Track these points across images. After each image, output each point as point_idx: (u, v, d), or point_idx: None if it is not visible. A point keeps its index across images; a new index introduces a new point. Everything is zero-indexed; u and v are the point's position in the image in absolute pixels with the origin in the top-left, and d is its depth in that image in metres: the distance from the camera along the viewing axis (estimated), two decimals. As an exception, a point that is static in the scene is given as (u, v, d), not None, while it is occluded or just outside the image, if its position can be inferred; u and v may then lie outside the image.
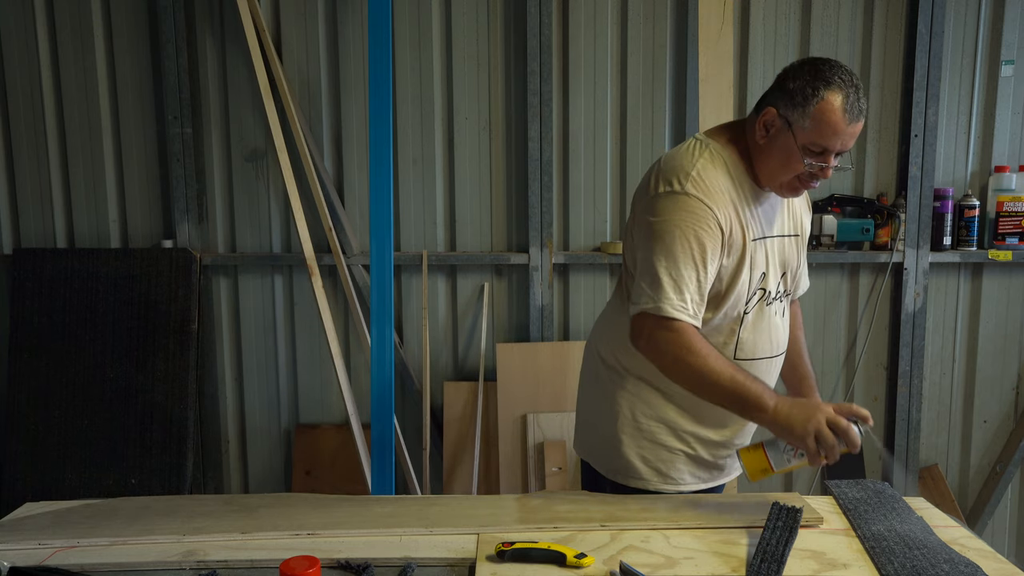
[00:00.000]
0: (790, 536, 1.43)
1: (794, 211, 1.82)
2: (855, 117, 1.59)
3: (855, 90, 1.59)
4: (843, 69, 1.62)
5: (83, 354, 3.11)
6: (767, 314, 1.74)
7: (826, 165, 1.61)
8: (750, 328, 1.72)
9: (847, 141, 1.60)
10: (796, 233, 1.81)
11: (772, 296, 1.74)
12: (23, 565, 1.40)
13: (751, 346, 1.73)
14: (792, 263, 1.80)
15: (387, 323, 2.88)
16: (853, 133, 1.61)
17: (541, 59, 3.05)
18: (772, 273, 1.73)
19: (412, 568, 1.39)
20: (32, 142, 3.18)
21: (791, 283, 1.82)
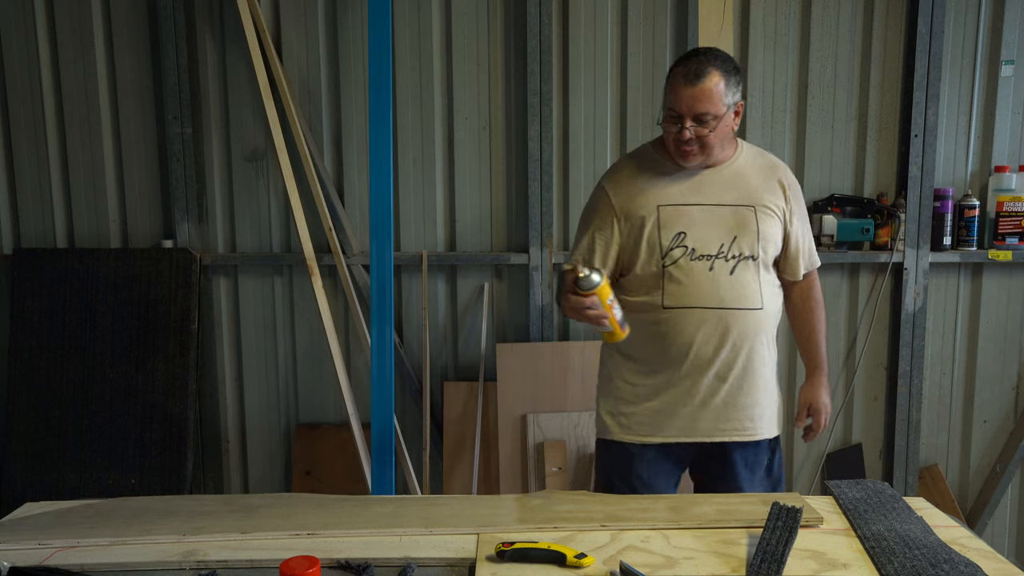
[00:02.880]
0: (790, 536, 1.43)
1: (747, 185, 2.03)
2: (690, 81, 1.90)
3: (698, 60, 1.91)
4: (701, 48, 1.98)
5: (83, 354, 3.11)
6: (697, 269, 1.98)
7: (681, 127, 1.92)
8: (675, 280, 1.99)
9: (691, 104, 1.90)
10: (745, 204, 2.01)
11: (700, 254, 1.98)
12: (23, 565, 1.40)
13: (678, 296, 1.99)
14: (747, 228, 1.99)
15: (387, 323, 2.88)
16: (693, 95, 1.90)
17: (541, 59, 3.05)
18: (696, 234, 1.98)
19: (412, 568, 1.39)
20: (32, 142, 3.19)
21: (750, 247, 1.99)
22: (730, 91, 1.93)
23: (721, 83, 1.91)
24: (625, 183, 2.07)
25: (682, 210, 2.00)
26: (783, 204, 2.04)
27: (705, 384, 2.01)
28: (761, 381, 2.04)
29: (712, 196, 2.01)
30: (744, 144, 2.11)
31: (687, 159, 1.98)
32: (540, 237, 3.12)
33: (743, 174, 2.04)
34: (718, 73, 1.91)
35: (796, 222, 2.07)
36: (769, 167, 2.08)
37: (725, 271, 1.98)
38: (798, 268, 2.10)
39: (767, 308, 2.01)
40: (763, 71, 3.09)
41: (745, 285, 1.98)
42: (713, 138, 1.95)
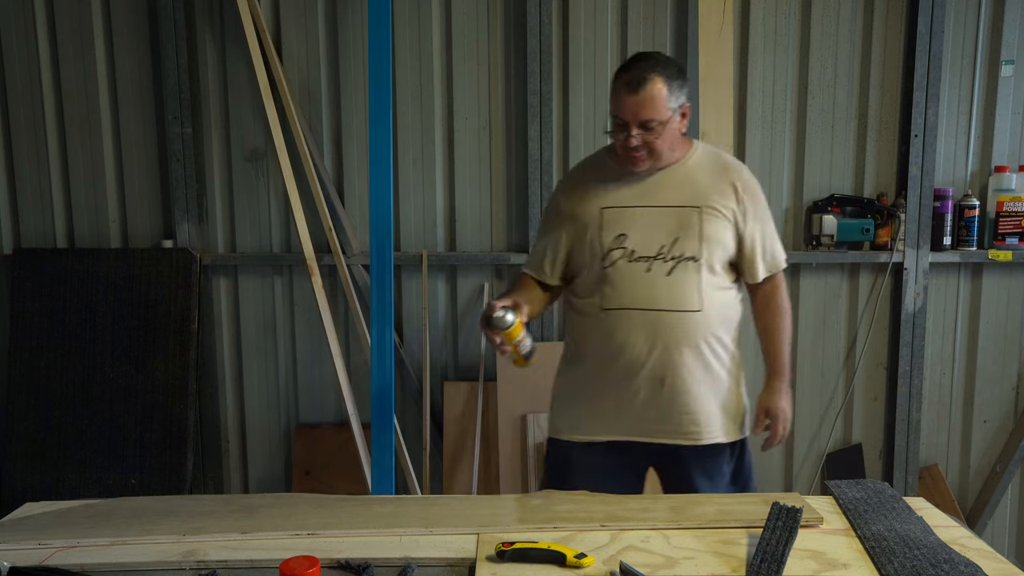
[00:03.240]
0: (790, 536, 1.43)
1: (695, 186, 2.00)
2: (632, 89, 1.90)
3: (640, 67, 1.91)
4: (642, 54, 1.97)
5: (83, 354, 3.11)
6: (634, 271, 1.98)
7: (627, 135, 1.92)
8: (613, 282, 2.00)
9: (636, 111, 1.90)
10: (690, 205, 1.98)
11: (639, 255, 1.98)
12: (23, 565, 1.40)
13: (616, 298, 1.99)
14: (689, 230, 1.97)
15: (387, 323, 2.88)
16: (637, 103, 1.90)
17: (541, 59, 3.05)
18: (637, 236, 1.98)
19: (412, 568, 1.39)
20: (32, 142, 3.19)
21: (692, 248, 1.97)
22: (674, 96, 1.92)
23: (664, 89, 1.90)
24: (574, 187, 2.10)
25: (624, 212, 2.01)
26: (734, 205, 2.00)
27: (642, 385, 1.99)
28: (705, 384, 2.01)
29: (657, 198, 2.01)
30: (700, 145, 2.09)
31: (636, 164, 1.98)
32: (540, 237, 3.12)
33: (692, 175, 2.02)
34: (660, 79, 1.90)
35: (751, 223, 2.02)
36: (722, 168, 2.05)
37: (663, 273, 1.97)
38: (756, 270, 2.06)
39: (708, 310, 1.98)
40: (763, 71, 3.09)
41: (683, 287, 1.97)
42: (660, 143, 1.94)
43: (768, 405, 2.10)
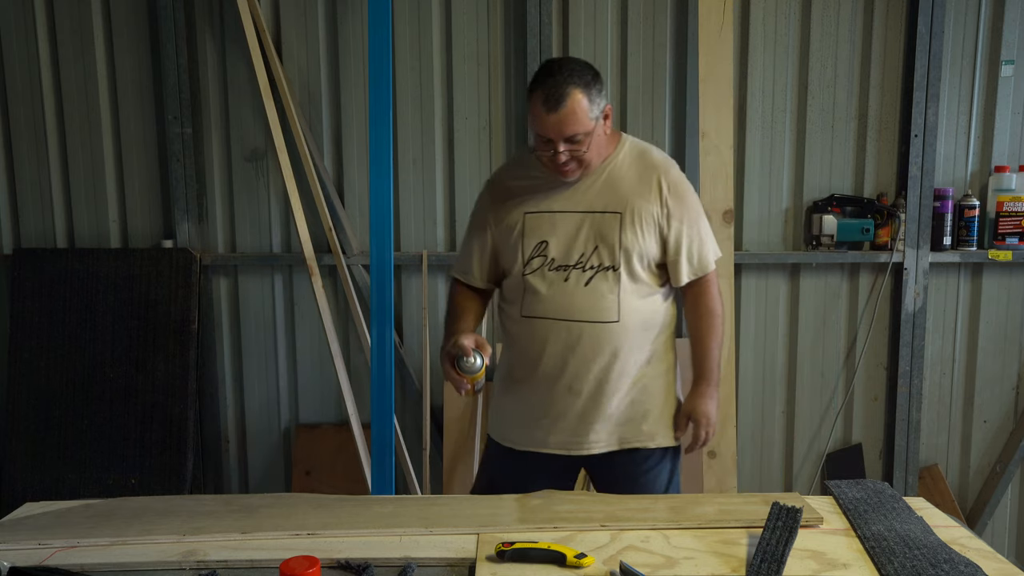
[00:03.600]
0: (790, 536, 1.43)
1: (618, 190, 1.94)
2: (551, 108, 1.82)
3: (555, 83, 1.82)
4: (554, 64, 1.87)
5: (83, 354, 3.11)
6: (553, 279, 1.94)
7: (554, 152, 1.86)
8: (532, 291, 1.96)
9: (558, 130, 1.83)
10: (612, 210, 1.93)
11: (559, 264, 1.94)
12: (23, 565, 1.40)
13: (534, 307, 1.96)
14: (608, 237, 1.92)
15: (387, 323, 2.87)
16: (558, 121, 1.83)
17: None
18: (558, 243, 1.94)
19: (412, 568, 1.39)
20: (32, 142, 3.19)
21: (610, 257, 1.92)
22: (595, 104, 1.86)
23: (583, 100, 1.83)
24: (501, 187, 2.05)
25: (546, 218, 1.96)
26: (656, 208, 1.94)
27: (560, 396, 1.96)
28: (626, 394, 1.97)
29: (580, 202, 1.95)
30: (627, 140, 2.02)
31: (567, 176, 1.93)
32: (540, 237, 3.12)
33: (617, 177, 1.96)
34: (578, 91, 1.82)
35: (675, 225, 1.95)
36: (647, 168, 1.97)
37: (581, 282, 1.93)
38: (679, 274, 1.99)
39: (627, 320, 1.93)
40: (763, 71, 3.09)
41: (600, 297, 1.92)
42: (589, 154, 1.89)
43: (690, 409, 2.03)
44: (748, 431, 3.25)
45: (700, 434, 2.02)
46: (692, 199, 2.01)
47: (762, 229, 3.17)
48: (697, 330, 2.05)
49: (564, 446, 1.99)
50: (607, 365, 1.94)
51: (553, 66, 1.87)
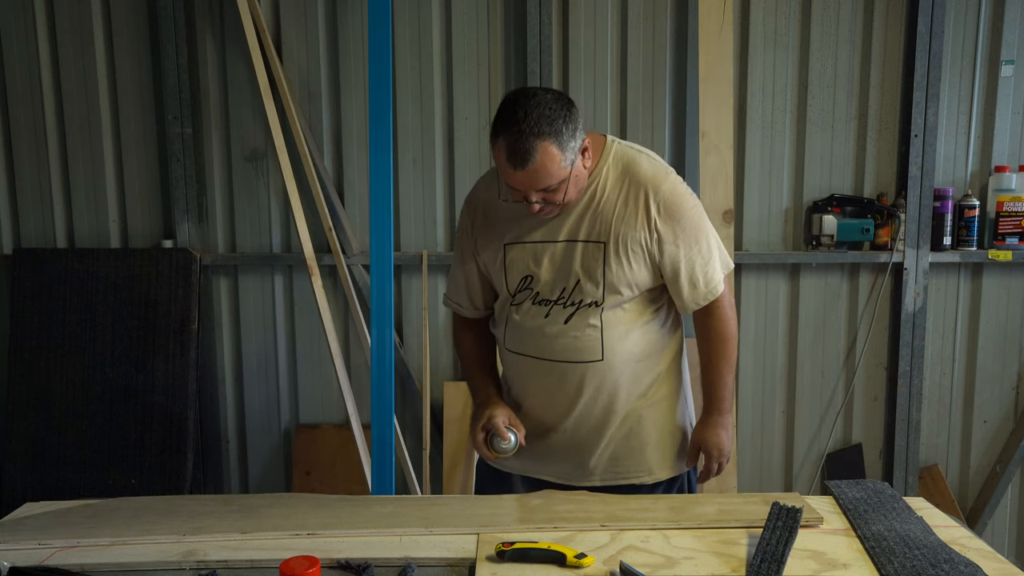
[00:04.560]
0: (790, 536, 1.43)
1: (603, 215, 1.73)
2: (519, 164, 1.60)
3: (521, 136, 1.58)
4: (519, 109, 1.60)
5: (83, 354, 3.11)
6: (535, 315, 1.78)
7: (529, 201, 1.67)
8: (515, 325, 1.82)
9: (529, 184, 1.63)
10: (596, 239, 1.73)
11: (543, 298, 1.77)
12: (23, 565, 1.40)
13: (516, 341, 1.84)
14: (592, 270, 1.73)
15: (387, 323, 2.87)
16: (527, 177, 1.62)
17: (541, 59, 3.05)
18: (542, 276, 1.77)
19: (412, 568, 1.39)
20: (32, 142, 3.19)
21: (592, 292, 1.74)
22: (567, 150, 1.62)
23: (554, 151, 1.60)
24: (480, 212, 1.87)
25: (528, 249, 1.78)
26: (645, 235, 1.72)
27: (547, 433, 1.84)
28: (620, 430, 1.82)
29: (562, 231, 1.75)
30: (611, 152, 1.77)
31: (544, 215, 1.74)
32: (540, 237, 3.12)
33: (600, 200, 1.74)
34: (546, 143, 1.59)
35: (669, 250, 1.73)
36: (633, 186, 1.73)
37: (560, 320, 1.76)
38: (682, 302, 1.79)
39: (612, 358, 1.76)
40: (763, 71, 3.09)
41: (581, 336, 1.75)
42: (563, 196, 1.68)
43: (700, 440, 1.87)
44: (748, 431, 3.25)
45: (712, 467, 1.88)
46: (690, 215, 1.76)
47: (762, 229, 3.17)
48: (706, 355, 1.86)
49: (559, 476, 1.87)
50: (592, 404, 1.80)
51: (518, 112, 1.60)
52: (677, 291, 1.78)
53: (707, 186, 2.99)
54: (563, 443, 1.84)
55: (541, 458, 1.87)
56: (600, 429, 1.82)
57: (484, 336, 1.97)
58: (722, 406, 1.86)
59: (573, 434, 1.83)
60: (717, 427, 1.86)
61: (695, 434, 1.90)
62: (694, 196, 1.80)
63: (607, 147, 1.78)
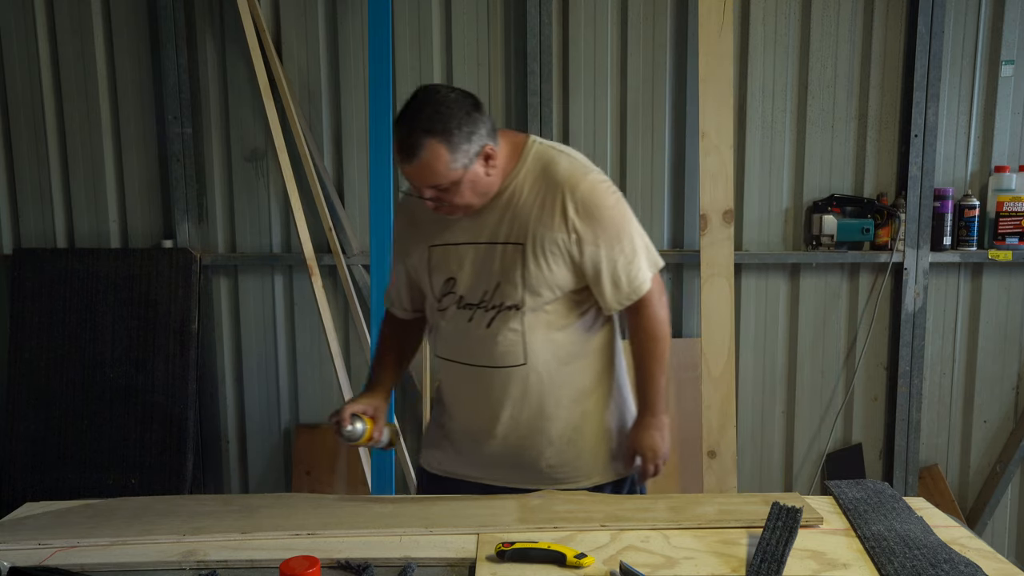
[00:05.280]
0: (790, 536, 1.43)
1: (521, 216, 1.70)
2: (405, 158, 1.61)
3: (409, 131, 1.59)
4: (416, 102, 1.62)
5: (83, 354, 3.11)
6: (459, 319, 1.76)
7: (423, 197, 1.67)
8: (441, 330, 1.82)
9: (417, 179, 1.64)
10: (515, 241, 1.70)
11: (467, 302, 1.75)
12: (23, 565, 1.40)
13: (444, 347, 1.84)
14: (511, 273, 1.70)
15: (387, 323, 2.87)
16: (413, 172, 1.62)
17: (541, 59, 3.05)
18: (465, 279, 1.75)
19: (412, 568, 1.39)
20: (32, 142, 3.19)
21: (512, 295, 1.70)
22: (459, 152, 1.60)
23: (443, 150, 1.58)
24: (407, 214, 1.85)
25: (451, 251, 1.75)
26: (563, 236, 1.68)
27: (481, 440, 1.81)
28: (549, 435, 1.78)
29: (482, 232, 1.72)
30: (531, 152, 1.73)
31: (450, 215, 1.72)
32: (540, 237, 3.11)
33: (518, 201, 1.70)
34: (434, 141, 1.57)
35: (589, 250, 1.69)
36: (551, 187, 1.69)
37: (483, 324, 1.73)
38: (606, 303, 1.75)
39: (536, 362, 1.72)
40: (763, 71, 3.09)
41: (504, 340, 1.72)
42: (460, 199, 1.66)
43: (633, 443, 1.84)
44: (748, 431, 3.25)
45: (647, 469, 1.84)
46: (610, 214, 1.72)
47: (762, 229, 3.17)
48: (636, 356, 1.83)
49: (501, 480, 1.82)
50: (520, 410, 1.76)
51: (412, 106, 1.62)
52: (600, 292, 1.74)
53: (707, 186, 2.99)
54: (499, 450, 1.80)
55: (482, 465, 1.84)
56: (534, 435, 1.78)
57: (402, 335, 1.99)
58: (655, 408, 1.83)
59: (506, 441, 1.79)
60: (650, 428, 1.83)
61: (629, 437, 1.86)
62: (616, 195, 1.76)
63: (527, 147, 1.75)
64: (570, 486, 1.80)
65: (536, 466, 1.80)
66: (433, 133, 1.58)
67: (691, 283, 3.16)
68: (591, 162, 1.79)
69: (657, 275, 1.80)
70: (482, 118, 1.64)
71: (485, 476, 1.85)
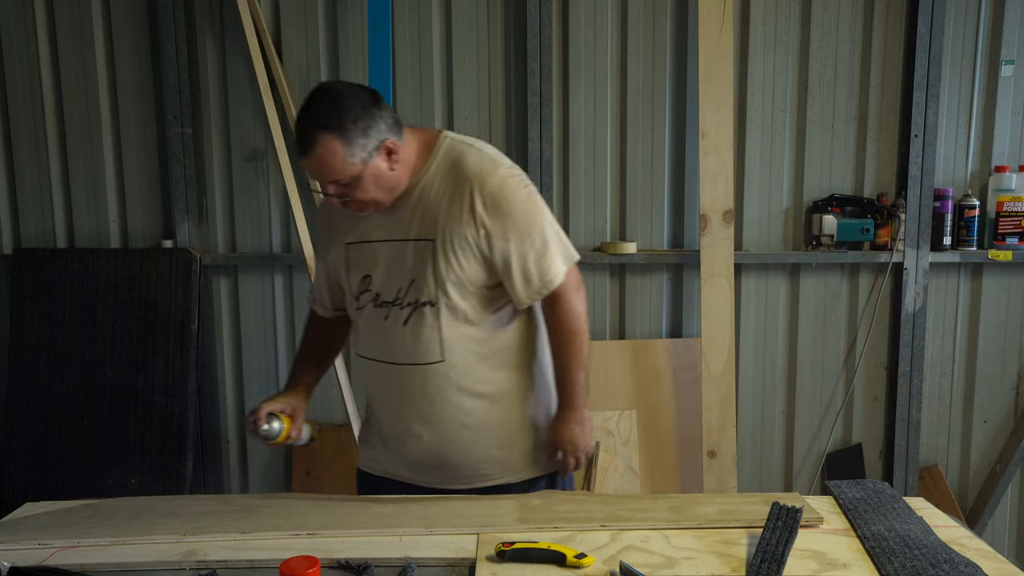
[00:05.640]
0: (790, 536, 1.43)
1: (431, 212, 1.70)
2: (302, 151, 1.63)
3: (306, 126, 1.62)
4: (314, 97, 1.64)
5: (83, 354, 3.11)
6: (377, 318, 1.78)
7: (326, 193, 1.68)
8: (362, 329, 1.83)
9: (314, 173, 1.66)
10: (426, 237, 1.70)
11: (383, 300, 1.76)
12: (23, 565, 1.40)
13: (364, 346, 1.85)
14: (424, 269, 1.70)
15: (387, 323, 2.87)
16: (310, 166, 1.64)
17: (541, 59, 3.05)
18: (380, 277, 1.76)
19: (412, 568, 1.39)
20: (32, 142, 3.18)
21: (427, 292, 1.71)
22: (355, 147, 1.61)
23: (337, 146, 1.59)
24: (327, 212, 1.86)
25: (367, 248, 1.77)
26: (472, 232, 1.68)
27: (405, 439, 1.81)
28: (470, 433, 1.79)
29: (396, 229, 1.73)
30: (442, 147, 1.74)
31: (360, 211, 1.72)
32: (540, 237, 3.11)
33: (428, 197, 1.71)
34: (330, 137, 1.59)
35: (499, 245, 1.69)
36: (459, 182, 1.69)
37: (399, 321, 1.74)
38: (517, 297, 1.74)
39: (453, 358, 1.73)
40: (763, 71, 3.09)
41: (420, 338, 1.73)
42: (363, 194, 1.67)
43: (553, 437, 1.84)
44: (748, 431, 3.25)
45: (568, 462, 1.85)
46: (520, 208, 1.71)
47: (762, 229, 3.17)
48: (554, 350, 1.83)
49: (429, 481, 1.84)
50: (441, 406, 1.76)
51: (311, 101, 1.64)
52: (511, 286, 1.73)
53: (707, 186, 2.99)
54: (425, 449, 1.80)
55: (409, 466, 1.85)
56: (456, 432, 1.78)
57: (325, 333, 1.99)
58: (573, 401, 1.83)
59: (430, 439, 1.79)
60: (569, 422, 1.83)
61: (549, 431, 1.86)
62: (528, 188, 1.75)
63: (438, 143, 1.75)
64: (498, 482, 1.82)
65: (462, 463, 1.81)
66: (327, 128, 1.60)
67: (691, 283, 3.16)
68: (505, 156, 1.79)
69: (573, 269, 1.80)
70: (380, 113, 1.65)
71: (415, 477, 1.86)
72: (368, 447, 1.95)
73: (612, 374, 3.11)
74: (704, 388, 3.03)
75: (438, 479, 1.83)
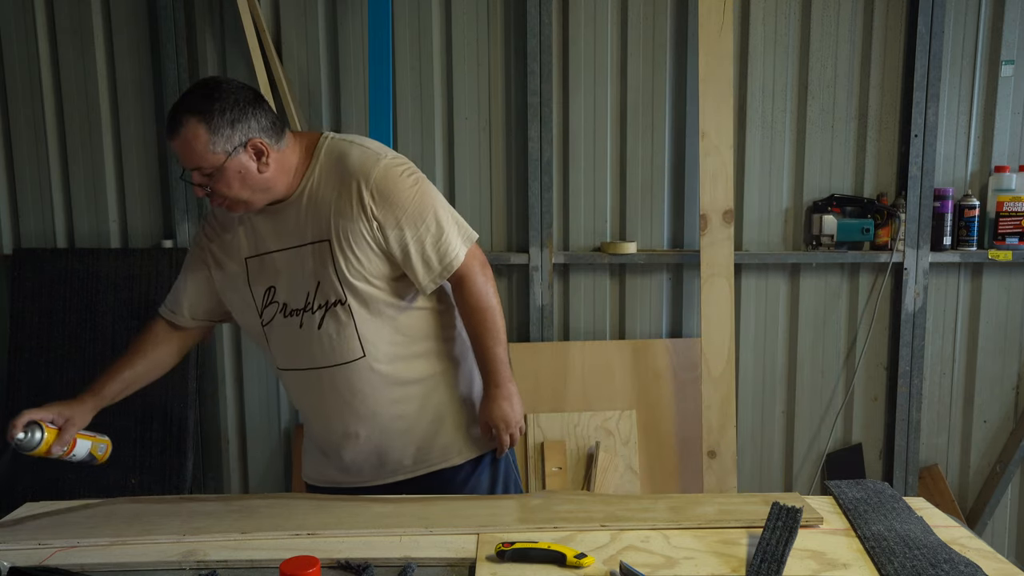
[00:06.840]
0: (790, 536, 1.43)
1: (321, 212, 1.72)
2: (169, 132, 1.65)
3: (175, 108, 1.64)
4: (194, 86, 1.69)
5: (83, 354, 3.11)
6: (290, 327, 1.78)
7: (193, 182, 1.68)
8: (277, 341, 1.81)
9: (180, 157, 1.67)
10: (321, 239, 1.72)
11: (292, 309, 1.77)
12: (23, 565, 1.40)
13: (284, 358, 1.83)
14: (326, 270, 1.72)
15: (387, 323, 2.87)
16: (176, 148, 1.66)
17: (541, 59, 3.05)
18: (284, 286, 1.77)
19: (412, 568, 1.39)
20: (32, 142, 3.19)
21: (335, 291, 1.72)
22: (220, 138, 1.62)
23: (201, 131, 1.61)
24: (220, 224, 1.84)
25: (267, 260, 1.77)
26: (364, 226, 1.70)
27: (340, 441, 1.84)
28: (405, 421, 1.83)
29: (291, 236, 1.74)
30: (323, 148, 1.76)
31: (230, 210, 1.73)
32: (540, 237, 3.12)
33: (316, 198, 1.72)
34: (195, 120, 1.61)
35: (393, 234, 1.71)
36: (345, 178, 1.71)
37: (314, 325, 1.75)
38: (421, 281, 1.76)
39: (374, 351, 1.76)
40: (763, 71, 3.09)
41: (338, 337, 1.74)
42: (227, 190, 1.67)
43: (485, 417, 1.87)
44: (748, 431, 3.25)
45: (503, 439, 1.87)
46: (408, 195, 1.73)
47: (762, 229, 3.17)
48: (470, 330, 1.85)
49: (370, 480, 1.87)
50: (371, 402, 1.79)
51: (191, 88, 1.69)
52: (412, 272, 1.75)
53: (707, 186, 2.99)
54: (362, 447, 1.83)
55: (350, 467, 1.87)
56: (391, 423, 1.82)
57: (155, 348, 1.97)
58: (497, 378, 1.85)
59: (367, 435, 1.82)
60: (497, 400, 1.85)
61: (480, 412, 1.89)
62: (414, 175, 1.77)
63: (319, 144, 1.77)
64: (443, 467, 1.87)
65: (404, 453, 1.85)
66: (195, 112, 1.62)
67: (691, 283, 3.16)
68: (390, 148, 1.81)
69: (475, 247, 1.82)
70: (255, 112, 1.67)
71: (360, 479, 1.87)
72: (309, 458, 1.97)
73: (612, 374, 3.11)
74: (704, 388, 3.03)
75: (382, 475, 1.87)
